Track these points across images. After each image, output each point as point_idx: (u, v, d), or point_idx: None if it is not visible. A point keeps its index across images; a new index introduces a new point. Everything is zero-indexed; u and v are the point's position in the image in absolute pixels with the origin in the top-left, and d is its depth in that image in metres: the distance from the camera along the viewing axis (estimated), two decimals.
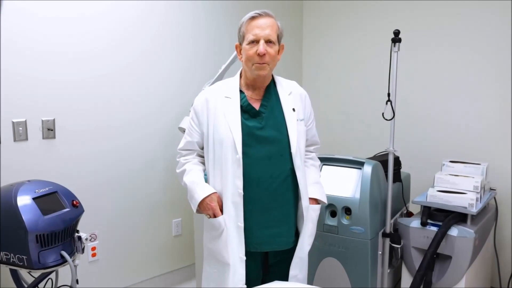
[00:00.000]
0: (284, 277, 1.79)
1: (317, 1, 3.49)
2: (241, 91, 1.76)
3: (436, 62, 2.88)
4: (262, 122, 1.73)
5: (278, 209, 1.74)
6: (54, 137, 2.28)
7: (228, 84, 1.81)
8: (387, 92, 2.26)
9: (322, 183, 1.92)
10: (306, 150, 1.88)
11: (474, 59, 2.74)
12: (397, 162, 2.52)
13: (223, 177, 1.70)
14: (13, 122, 2.14)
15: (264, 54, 1.66)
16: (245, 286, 1.71)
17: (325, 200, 1.89)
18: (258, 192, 1.71)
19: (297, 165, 1.75)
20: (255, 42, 1.67)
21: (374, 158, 2.56)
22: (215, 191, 1.72)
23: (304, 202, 1.78)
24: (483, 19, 2.67)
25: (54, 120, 2.27)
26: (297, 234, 1.82)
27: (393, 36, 2.22)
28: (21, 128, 2.16)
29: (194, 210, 1.75)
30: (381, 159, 2.43)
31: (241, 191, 1.68)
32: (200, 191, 1.72)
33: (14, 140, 2.15)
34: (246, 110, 1.74)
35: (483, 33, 2.68)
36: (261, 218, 1.73)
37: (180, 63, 2.79)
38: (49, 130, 2.25)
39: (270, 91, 1.79)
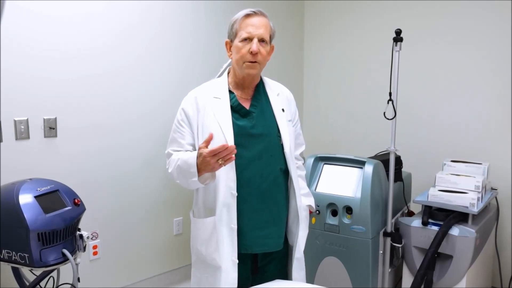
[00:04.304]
0: (273, 278, 1.76)
1: (318, 1, 3.49)
2: (230, 91, 1.74)
3: (438, 61, 2.88)
4: (253, 121, 1.71)
5: (268, 210, 1.72)
6: (55, 135, 2.28)
7: (216, 84, 1.78)
8: (389, 91, 2.26)
9: (310, 192, 1.93)
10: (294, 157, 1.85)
11: (475, 58, 2.73)
12: (398, 161, 2.52)
13: (214, 174, 1.66)
14: (14, 121, 2.14)
15: (257, 53, 1.64)
16: None
17: (314, 209, 1.92)
18: (248, 192, 1.69)
19: (290, 164, 1.74)
20: (248, 40, 1.65)
21: (375, 157, 2.56)
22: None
23: (297, 202, 1.76)
24: (484, 18, 2.67)
25: (55, 118, 2.27)
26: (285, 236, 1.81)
27: (394, 35, 2.22)
28: (22, 127, 2.16)
29: (196, 179, 1.58)
30: (382, 159, 2.43)
31: (235, 192, 1.65)
32: (192, 154, 1.60)
33: (16, 139, 2.15)
34: (236, 110, 1.71)
35: (484, 33, 2.68)
36: (252, 219, 1.70)
37: (180, 62, 2.79)
38: (50, 129, 2.25)
39: (259, 91, 1.78)
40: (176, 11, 2.73)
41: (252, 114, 1.72)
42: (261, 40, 1.66)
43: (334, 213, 2.34)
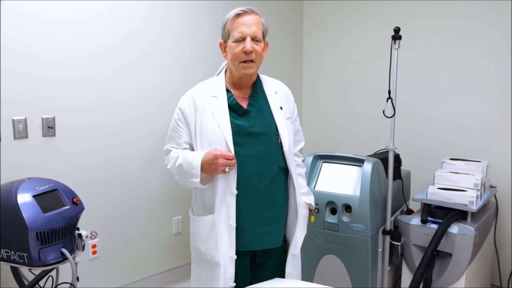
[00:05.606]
0: (272, 275, 1.78)
1: (317, 0, 3.48)
2: (227, 90, 1.74)
3: (437, 60, 2.88)
4: (251, 120, 1.71)
5: (267, 208, 1.73)
6: (54, 135, 2.28)
7: (214, 83, 1.78)
8: (388, 89, 2.26)
9: (310, 190, 1.94)
10: (294, 153, 1.85)
11: (474, 57, 2.73)
12: (397, 159, 2.51)
13: (213, 177, 1.67)
14: (13, 120, 2.14)
15: (251, 52, 1.64)
16: (234, 284, 1.70)
17: (313, 207, 1.93)
18: (247, 191, 1.69)
19: (289, 163, 1.74)
20: (241, 39, 1.65)
21: (374, 155, 2.56)
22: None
23: (296, 200, 1.77)
24: (484, 18, 2.67)
25: (54, 118, 2.27)
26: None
27: (393, 33, 2.22)
28: (21, 126, 2.16)
29: (198, 180, 1.63)
30: (382, 157, 2.43)
31: (235, 191, 1.66)
32: (196, 155, 1.65)
33: (14, 138, 2.15)
34: (234, 109, 1.71)
35: (484, 32, 2.68)
36: (250, 217, 1.71)
37: (181, 62, 2.79)
38: (49, 128, 2.25)
39: (257, 90, 1.77)
40: (177, 11, 2.73)
41: (250, 113, 1.72)
42: (254, 38, 1.66)
43: (333, 211, 2.34)
